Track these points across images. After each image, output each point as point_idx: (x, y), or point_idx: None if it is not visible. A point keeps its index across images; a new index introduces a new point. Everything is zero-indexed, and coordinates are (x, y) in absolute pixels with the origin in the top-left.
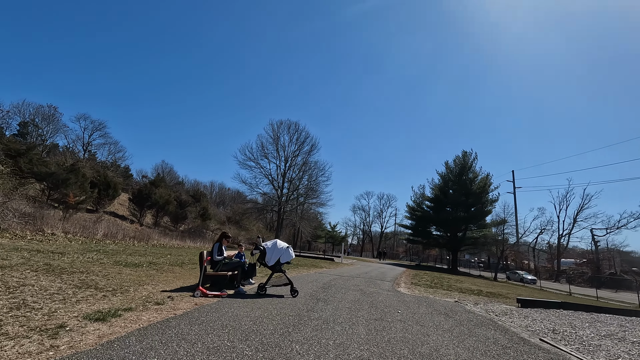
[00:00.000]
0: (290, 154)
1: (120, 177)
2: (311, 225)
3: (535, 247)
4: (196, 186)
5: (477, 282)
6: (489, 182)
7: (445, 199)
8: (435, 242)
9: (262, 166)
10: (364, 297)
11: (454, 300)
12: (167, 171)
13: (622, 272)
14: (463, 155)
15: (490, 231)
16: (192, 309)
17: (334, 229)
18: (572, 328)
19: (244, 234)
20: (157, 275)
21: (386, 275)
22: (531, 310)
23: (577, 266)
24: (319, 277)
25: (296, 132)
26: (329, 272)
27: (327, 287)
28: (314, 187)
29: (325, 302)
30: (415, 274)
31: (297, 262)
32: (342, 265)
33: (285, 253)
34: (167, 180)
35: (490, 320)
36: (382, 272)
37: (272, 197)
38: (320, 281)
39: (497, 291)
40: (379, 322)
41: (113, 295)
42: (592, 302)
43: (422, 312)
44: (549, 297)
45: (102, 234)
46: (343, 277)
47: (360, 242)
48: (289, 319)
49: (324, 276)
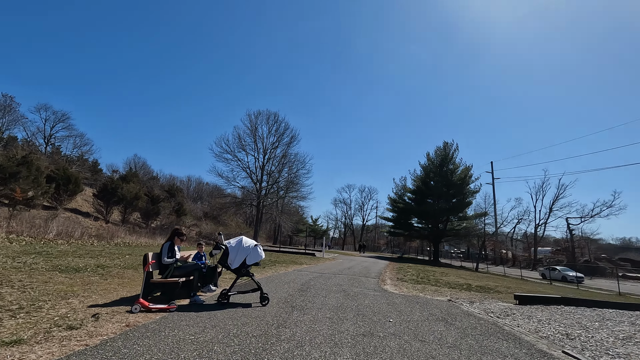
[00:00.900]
0: (269, 146)
1: (88, 171)
2: (292, 219)
3: (513, 236)
4: (171, 181)
5: (462, 274)
6: (469, 173)
7: (427, 190)
8: (417, 233)
9: (239, 159)
10: (347, 300)
11: (447, 299)
12: (140, 165)
13: (596, 259)
14: (444, 146)
15: (472, 222)
16: (119, 333)
17: (315, 222)
18: (586, 330)
19: (222, 230)
20: (98, 283)
21: (370, 271)
22: (531, 308)
23: (553, 254)
24: (298, 276)
25: (275, 123)
26: (309, 270)
27: (305, 289)
28: (295, 180)
29: (302, 310)
30: (399, 267)
31: (276, 259)
32: (323, 260)
33: (252, 253)
34: (140, 175)
35: (495, 326)
36: (365, 267)
37: (251, 191)
38: (299, 281)
39: (485, 284)
40: (368, 340)
41: (14, 315)
42: (585, 295)
43: (417, 318)
44: (535, 288)
45: (56, 233)
46: (324, 275)
47: (342, 236)
48: (250, 343)
49: (303, 274)
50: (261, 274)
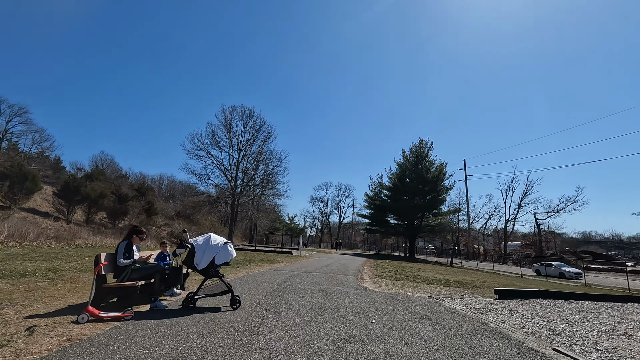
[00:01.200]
0: (245, 143)
1: (49, 169)
2: (268, 218)
3: (485, 232)
4: (142, 179)
5: (438, 269)
6: (444, 170)
7: (403, 187)
8: (393, 230)
9: (213, 156)
10: (326, 300)
11: (427, 296)
12: (108, 163)
13: (561, 252)
14: (419, 143)
15: (446, 219)
16: (55, 350)
17: (292, 221)
18: (569, 324)
19: (195, 229)
20: (44, 289)
21: (348, 268)
22: (511, 302)
23: (522, 248)
24: (274, 276)
25: (251, 119)
26: (286, 268)
27: (281, 290)
28: (271, 178)
29: (277, 314)
30: (376, 263)
31: (251, 258)
32: (300, 258)
33: (222, 251)
34: (107, 173)
35: (480, 323)
36: (343, 265)
37: (225, 189)
38: (274, 281)
39: (462, 279)
40: (351, 345)
41: None
42: (559, 288)
43: (400, 317)
44: (510, 283)
45: (7, 234)
46: (301, 274)
47: (319, 234)
48: (216, 355)
49: (280, 273)
50: (234, 274)
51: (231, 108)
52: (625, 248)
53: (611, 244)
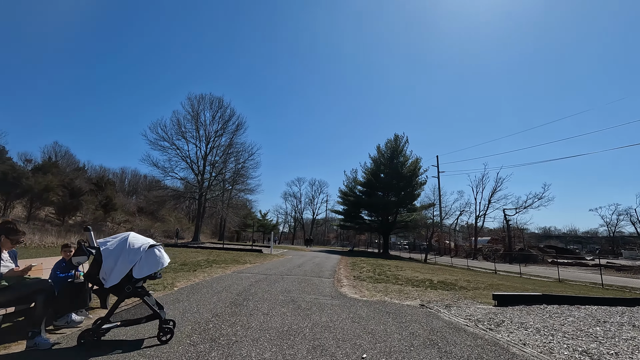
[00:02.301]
0: (213, 134)
1: None
2: (239, 214)
3: (456, 227)
4: (102, 173)
5: (415, 266)
6: (419, 166)
7: (377, 183)
8: (367, 226)
9: (178, 147)
10: (298, 317)
11: (418, 304)
12: (62, 154)
13: (529, 247)
14: (395, 138)
15: (420, 214)
16: None
17: (264, 217)
18: (598, 343)
19: (158, 226)
20: None
21: (323, 268)
22: (514, 311)
23: (491, 243)
24: (236, 281)
25: (220, 109)
26: (253, 270)
27: (241, 302)
28: (241, 172)
29: (227, 347)
30: (352, 262)
31: (215, 258)
32: (270, 257)
33: (145, 259)
34: (61, 166)
35: (500, 349)
36: (317, 264)
37: (192, 183)
38: (235, 289)
39: (445, 279)
40: None
41: None
42: (528, 283)
43: (397, 344)
44: (490, 279)
45: None
46: (269, 278)
47: (292, 230)
48: None
49: (244, 278)
50: (187, 280)
51: (198, 96)
52: (582, 242)
53: (570, 239)
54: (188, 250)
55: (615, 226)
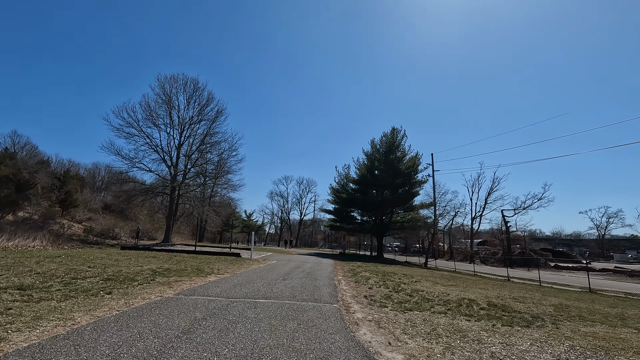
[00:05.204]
0: (188, 121)
1: None
2: (220, 213)
3: (451, 229)
4: (73, 167)
5: (424, 274)
6: (417, 162)
7: (372, 179)
8: (360, 227)
9: (148, 135)
10: None
11: None
12: (22, 145)
13: (531, 250)
14: (392, 131)
15: (418, 214)
16: None
17: (250, 217)
18: None
19: (123, 225)
20: None
21: (317, 282)
22: None
23: (489, 246)
24: (170, 318)
25: (195, 92)
26: (211, 290)
27: None
28: (221, 164)
29: None
30: (350, 269)
31: (172, 266)
32: (249, 264)
33: None
34: (19, 157)
35: None
36: (308, 274)
37: (164, 177)
38: (146, 345)
39: (484, 296)
40: None
41: None
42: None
43: None
44: (546, 297)
45: None
46: (230, 309)
47: (279, 231)
48: None
49: (183, 311)
50: (48, 324)
51: (170, 77)
52: (570, 245)
53: (559, 241)
54: (146, 254)
55: (605, 229)
